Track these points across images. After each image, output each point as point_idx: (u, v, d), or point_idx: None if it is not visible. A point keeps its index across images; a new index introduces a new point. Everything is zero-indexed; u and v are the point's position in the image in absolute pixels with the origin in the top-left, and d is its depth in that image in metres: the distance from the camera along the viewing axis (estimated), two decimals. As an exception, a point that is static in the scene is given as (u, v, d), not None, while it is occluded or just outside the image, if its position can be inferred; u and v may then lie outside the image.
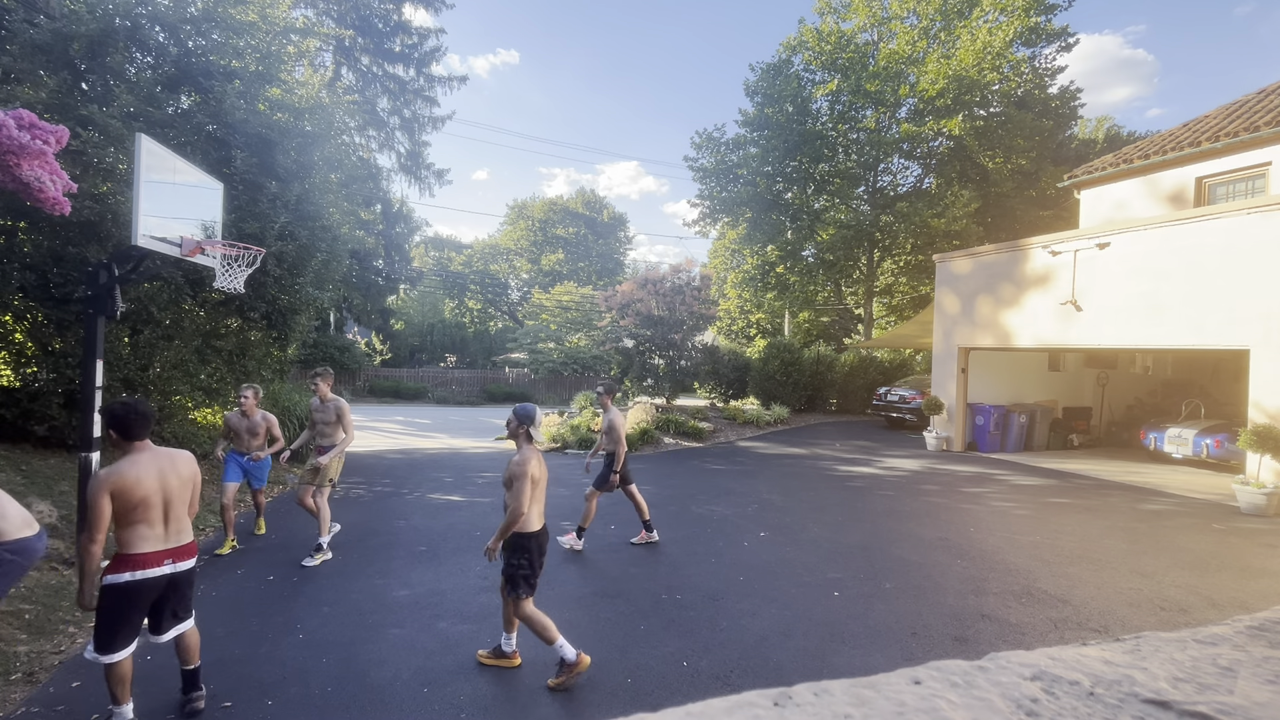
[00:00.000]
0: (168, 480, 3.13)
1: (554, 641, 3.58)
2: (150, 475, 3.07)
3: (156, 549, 3.08)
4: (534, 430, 3.84)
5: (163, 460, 3.16)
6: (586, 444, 12.29)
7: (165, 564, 3.10)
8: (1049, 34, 18.77)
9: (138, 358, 7.30)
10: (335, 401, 5.88)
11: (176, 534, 3.18)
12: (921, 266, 20.82)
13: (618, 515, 7.28)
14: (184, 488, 3.21)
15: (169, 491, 3.13)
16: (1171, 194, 12.15)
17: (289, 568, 5.49)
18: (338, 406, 5.87)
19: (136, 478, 3.01)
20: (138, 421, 3.12)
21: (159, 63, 7.80)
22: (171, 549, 3.14)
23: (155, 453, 3.17)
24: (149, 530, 3.06)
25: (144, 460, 3.09)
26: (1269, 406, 8.00)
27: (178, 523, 3.18)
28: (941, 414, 12.58)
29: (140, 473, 3.03)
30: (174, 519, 3.17)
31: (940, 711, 0.56)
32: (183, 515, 3.22)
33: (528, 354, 29.46)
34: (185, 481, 3.23)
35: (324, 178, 9.18)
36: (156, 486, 3.07)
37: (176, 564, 3.16)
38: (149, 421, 3.17)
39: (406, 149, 25.14)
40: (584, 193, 47.15)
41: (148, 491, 3.03)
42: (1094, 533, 6.72)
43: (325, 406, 5.88)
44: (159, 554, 3.08)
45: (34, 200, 4.15)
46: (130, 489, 2.98)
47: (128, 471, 3.00)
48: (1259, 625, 0.78)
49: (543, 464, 3.85)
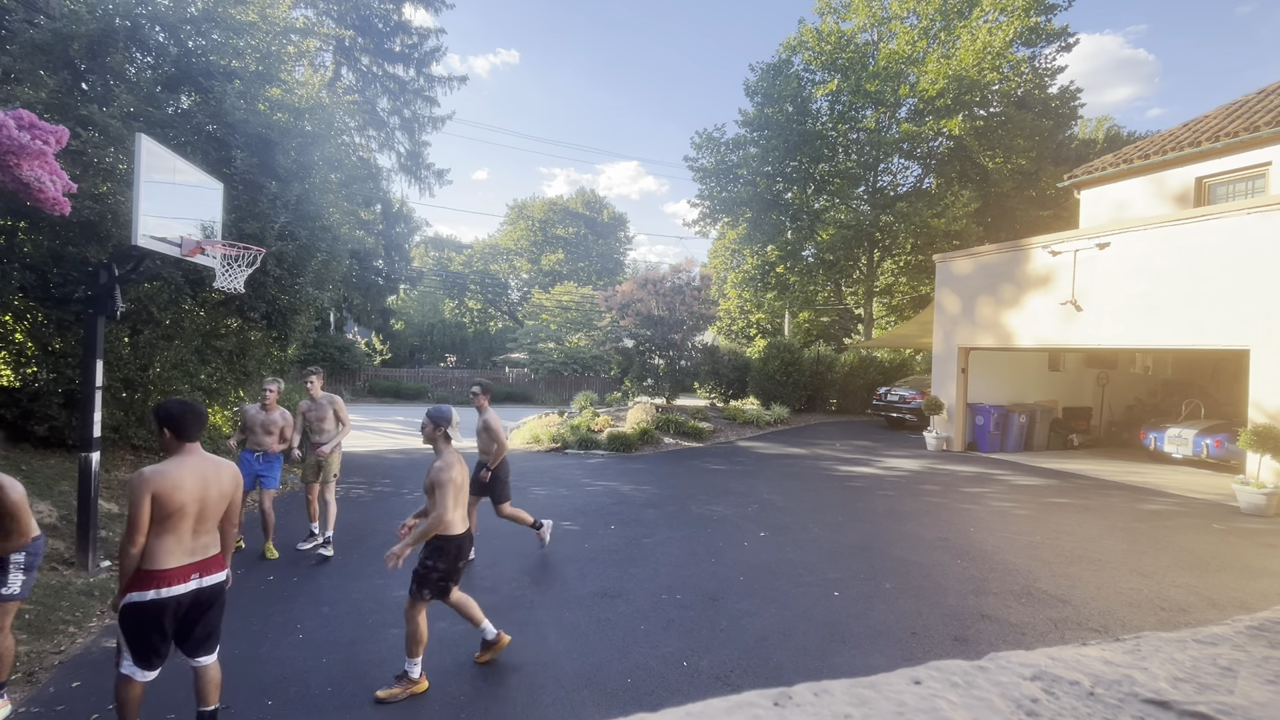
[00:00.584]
0: (208, 491, 2.93)
1: (415, 656, 3.48)
2: (192, 481, 2.89)
3: (183, 563, 2.86)
4: (451, 431, 3.79)
5: (207, 468, 2.97)
6: (587, 444, 12.29)
7: (191, 579, 2.88)
8: (1049, 34, 18.78)
9: (138, 358, 7.31)
10: (328, 397, 6.08)
11: (204, 547, 2.96)
12: (921, 266, 20.82)
13: (618, 515, 7.28)
14: (221, 502, 3.00)
15: (206, 503, 2.92)
16: (1172, 194, 12.15)
17: (289, 568, 5.49)
18: (332, 401, 6.08)
19: (177, 481, 2.83)
20: (193, 421, 2.96)
21: (159, 63, 7.80)
22: (198, 562, 2.92)
23: (202, 459, 2.99)
24: (176, 543, 2.85)
25: (189, 464, 2.91)
26: (1269, 406, 8.00)
27: (207, 535, 2.98)
28: (941, 414, 12.58)
29: (183, 477, 2.86)
30: (203, 531, 2.95)
31: (940, 711, 0.56)
32: (213, 528, 3.01)
33: (528, 354, 29.47)
34: (225, 495, 3.01)
35: (324, 178, 9.18)
36: (196, 495, 2.88)
37: (203, 579, 2.93)
38: (203, 422, 3.02)
39: (406, 149, 25.14)
40: (584, 193, 47.17)
41: (185, 500, 2.84)
42: (1094, 533, 6.72)
43: (319, 404, 6.03)
44: (185, 569, 2.87)
45: (34, 200, 4.15)
46: (169, 493, 2.80)
47: (171, 473, 2.83)
48: (1259, 625, 0.78)
49: (464, 467, 3.78)
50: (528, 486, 8.97)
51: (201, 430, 3.03)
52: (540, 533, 6.03)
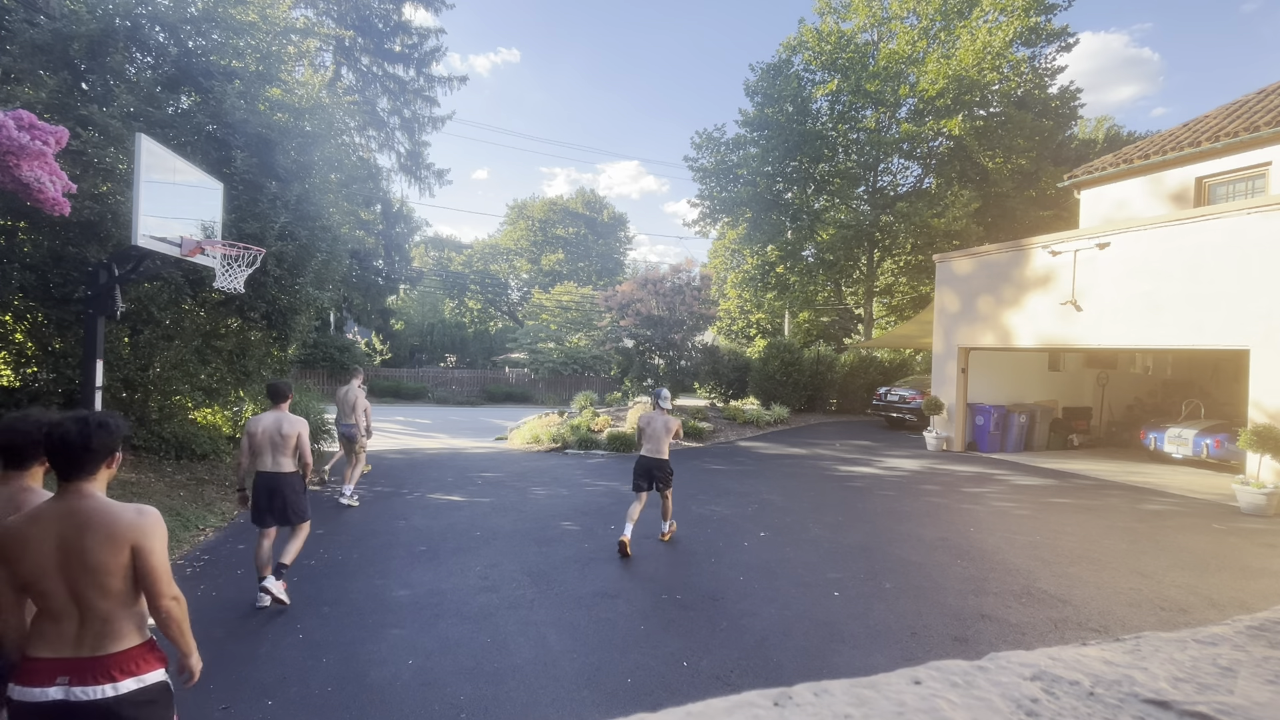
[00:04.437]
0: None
1: (670, 518, 6.29)
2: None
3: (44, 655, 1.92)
4: (663, 402, 6.30)
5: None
6: (587, 444, 12.29)
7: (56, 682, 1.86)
8: (1049, 34, 18.78)
9: (138, 358, 7.31)
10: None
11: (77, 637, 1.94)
12: (921, 266, 20.81)
13: (618, 515, 7.27)
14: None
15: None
16: (1171, 194, 12.14)
17: (289, 568, 5.48)
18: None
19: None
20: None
21: (159, 63, 7.80)
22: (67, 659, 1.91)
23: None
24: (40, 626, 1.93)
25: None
26: (1269, 406, 8.00)
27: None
28: (941, 414, 12.58)
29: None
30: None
31: (940, 711, 0.56)
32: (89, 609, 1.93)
33: (528, 354, 29.47)
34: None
35: (324, 178, 9.19)
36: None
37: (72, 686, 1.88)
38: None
39: (406, 149, 25.15)
40: (584, 192, 47.17)
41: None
42: (1094, 533, 6.72)
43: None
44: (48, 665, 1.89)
45: (33, 201, 4.15)
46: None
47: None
48: (1259, 625, 0.78)
49: (660, 418, 6.23)
50: (528, 486, 8.97)
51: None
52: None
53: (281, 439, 4.60)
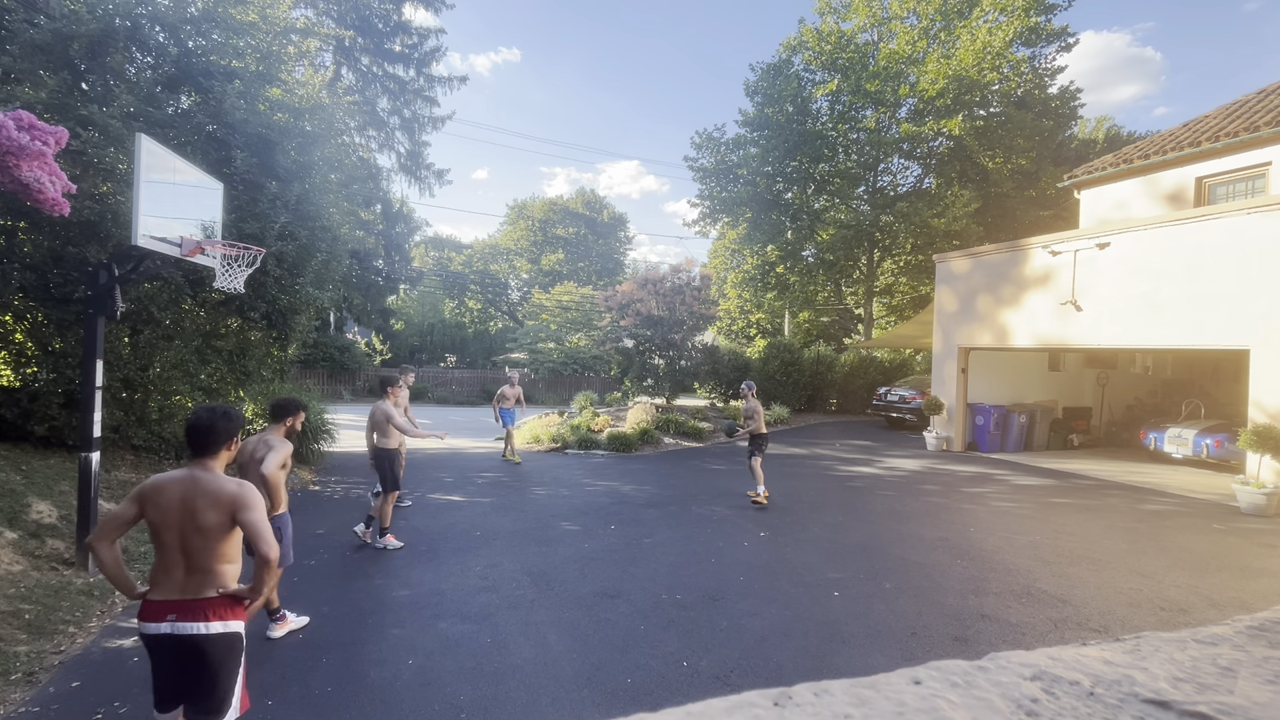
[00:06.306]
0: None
1: (761, 481, 6.65)
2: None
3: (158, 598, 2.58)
4: (744, 389, 7.80)
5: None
6: (587, 444, 12.29)
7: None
8: (1049, 34, 18.78)
9: (138, 358, 7.30)
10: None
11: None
12: (921, 266, 20.81)
13: (618, 515, 7.28)
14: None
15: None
16: (1171, 194, 12.14)
17: (288, 568, 5.48)
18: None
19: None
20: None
21: (159, 63, 7.79)
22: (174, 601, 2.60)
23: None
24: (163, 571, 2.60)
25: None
26: (1269, 406, 8.00)
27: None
28: (941, 414, 12.58)
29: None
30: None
31: (940, 711, 0.56)
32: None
33: (528, 354, 29.46)
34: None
35: (324, 178, 9.17)
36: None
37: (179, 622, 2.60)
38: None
39: (406, 149, 25.15)
40: (584, 192, 47.12)
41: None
42: (1094, 533, 6.72)
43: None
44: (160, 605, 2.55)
45: (33, 201, 4.15)
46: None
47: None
48: (1259, 625, 0.78)
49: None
50: (528, 486, 8.97)
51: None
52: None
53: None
